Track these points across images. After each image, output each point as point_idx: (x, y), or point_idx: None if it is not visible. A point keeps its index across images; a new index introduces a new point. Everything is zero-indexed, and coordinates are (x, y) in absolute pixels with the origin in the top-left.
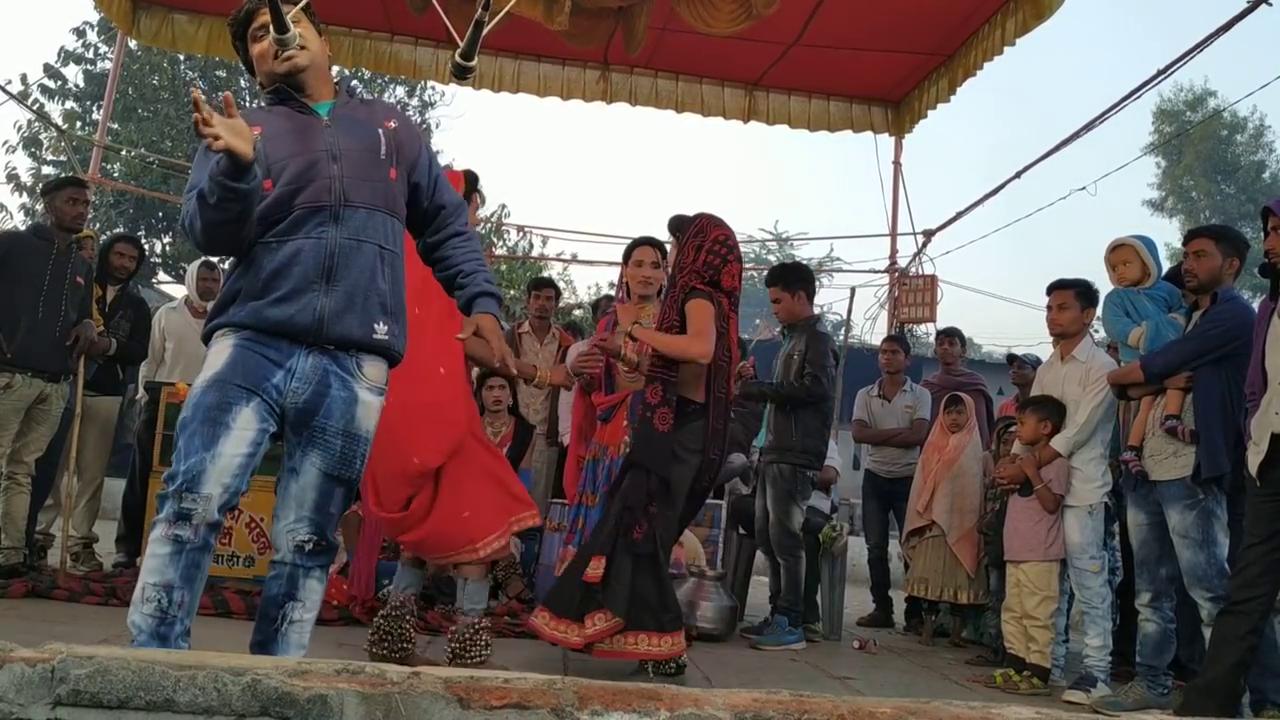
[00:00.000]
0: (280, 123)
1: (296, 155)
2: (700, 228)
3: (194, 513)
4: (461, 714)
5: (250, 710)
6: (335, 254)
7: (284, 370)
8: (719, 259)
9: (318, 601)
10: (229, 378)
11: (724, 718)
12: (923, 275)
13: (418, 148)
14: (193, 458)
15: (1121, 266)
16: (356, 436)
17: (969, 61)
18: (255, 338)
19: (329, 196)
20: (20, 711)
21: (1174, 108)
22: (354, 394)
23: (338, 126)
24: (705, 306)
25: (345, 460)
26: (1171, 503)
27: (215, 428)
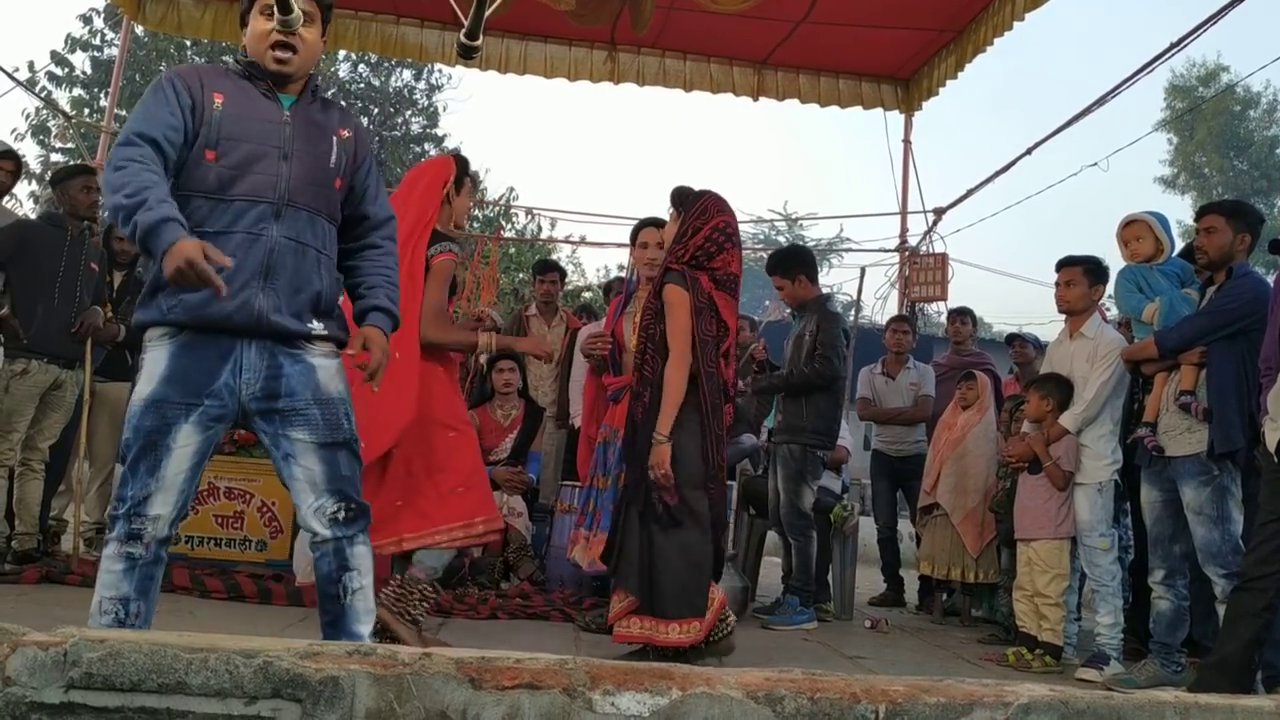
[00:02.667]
0: (243, 101)
1: (249, 141)
2: (704, 208)
3: (144, 532)
4: (473, 695)
5: (262, 692)
6: (274, 251)
7: (230, 364)
8: (715, 246)
9: (371, 565)
10: (167, 395)
11: (736, 696)
12: (933, 254)
13: (362, 158)
14: (138, 485)
15: (1135, 243)
16: (329, 400)
17: (979, 37)
18: (192, 339)
19: (272, 194)
20: (34, 694)
21: (1186, 83)
22: (308, 364)
23: (296, 126)
24: (678, 295)
25: (331, 425)
26: (1186, 479)
27: (157, 452)
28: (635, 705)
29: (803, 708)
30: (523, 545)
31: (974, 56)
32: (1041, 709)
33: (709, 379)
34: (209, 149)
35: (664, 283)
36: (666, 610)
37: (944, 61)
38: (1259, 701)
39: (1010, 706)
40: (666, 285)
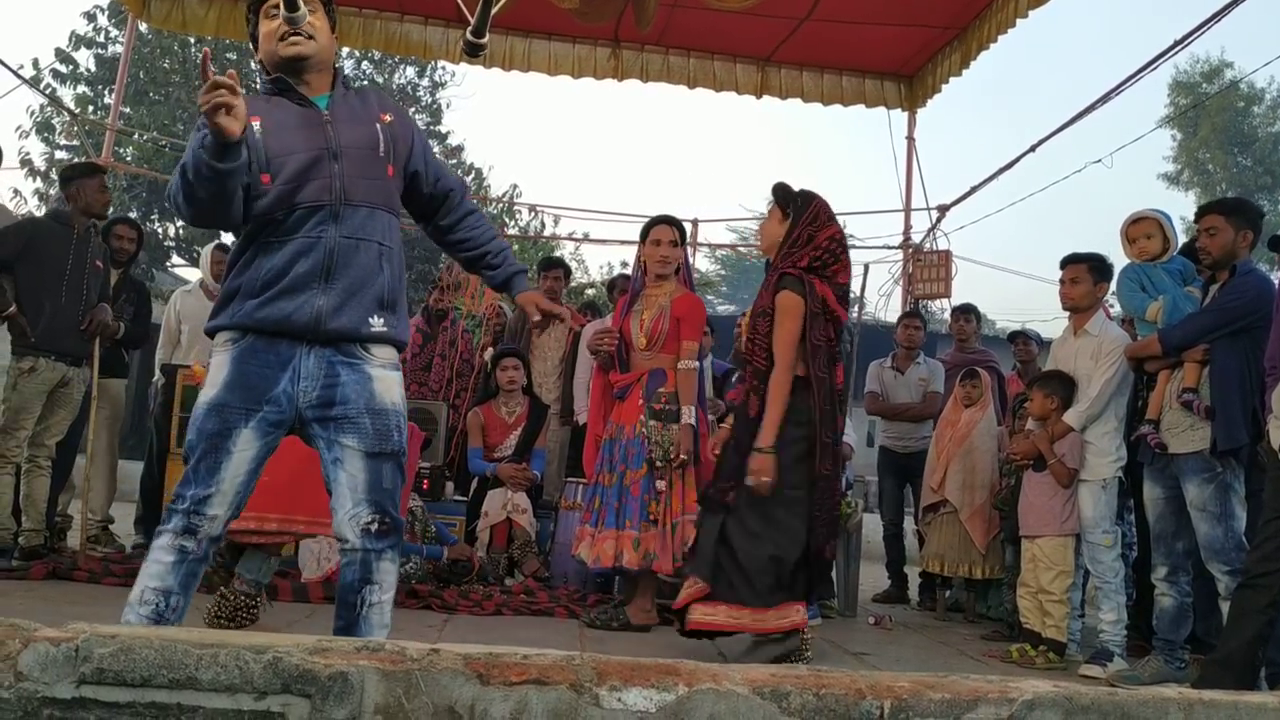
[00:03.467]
0: (280, 115)
1: (297, 152)
2: (816, 215)
3: (200, 529)
4: (481, 690)
5: (272, 688)
6: (334, 252)
7: (288, 373)
8: (832, 256)
9: (393, 582)
10: (229, 401)
11: (742, 692)
12: (937, 251)
13: (410, 136)
14: (199, 485)
15: (1144, 240)
16: (383, 411)
17: (982, 34)
18: (254, 344)
19: (329, 195)
20: (46, 690)
21: (1190, 79)
22: (365, 373)
23: (338, 123)
24: (792, 302)
25: (381, 435)
26: (1189, 476)
27: (218, 454)
28: (642, 701)
29: (808, 703)
30: (527, 542)
31: (978, 54)
32: (1046, 705)
33: (819, 384)
34: (264, 173)
35: (780, 288)
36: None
37: (948, 59)
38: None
39: (1015, 703)
40: (782, 291)
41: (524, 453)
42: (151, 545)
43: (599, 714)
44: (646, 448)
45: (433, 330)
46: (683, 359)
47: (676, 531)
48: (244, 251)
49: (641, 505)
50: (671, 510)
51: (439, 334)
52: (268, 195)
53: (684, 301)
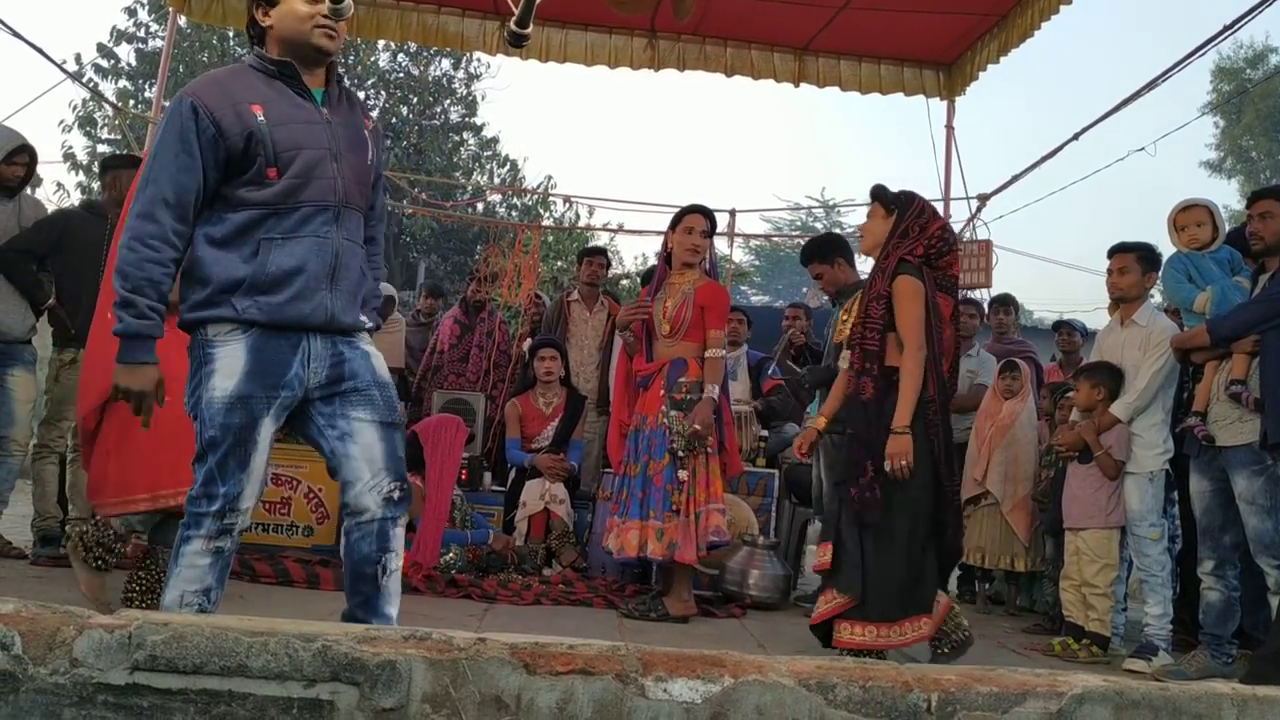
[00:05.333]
0: (283, 105)
1: (305, 148)
2: (922, 209)
3: (234, 527)
4: (527, 680)
5: (321, 675)
6: (338, 254)
7: (299, 355)
8: (946, 246)
9: (402, 548)
10: (251, 391)
11: (788, 684)
12: (977, 240)
13: (380, 145)
14: (230, 481)
15: (1194, 228)
16: (386, 384)
17: (1024, 22)
18: (266, 333)
19: (333, 197)
20: (100, 675)
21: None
22: (364, 350)
23: (336, 124)
24: (914, 287)
25: (390, 406)
26: (1238, 468)
27: (247, 447)
28: (687, 692)
29: (854, 696)
30: (565, 532)
31: (1019, 41)
32: (1096, 700)
33: (937, 379)
34: (270, 167)
35: (896, 274)
36: (891, 613)
37: (987, 46)
38: None
39: (1064, 697)
40: (900, 277)
41: (561, 443)
42: (181, 550)
43: (645, 705)
44: (668, 438)
45: (470, 321)
46: (710, 348)
47: (700, 521)
48: (244, 242)
49: (664, 495)
50: (695, 499)
51: (476, 325)
52: (272, 188)
53: (708, 290)
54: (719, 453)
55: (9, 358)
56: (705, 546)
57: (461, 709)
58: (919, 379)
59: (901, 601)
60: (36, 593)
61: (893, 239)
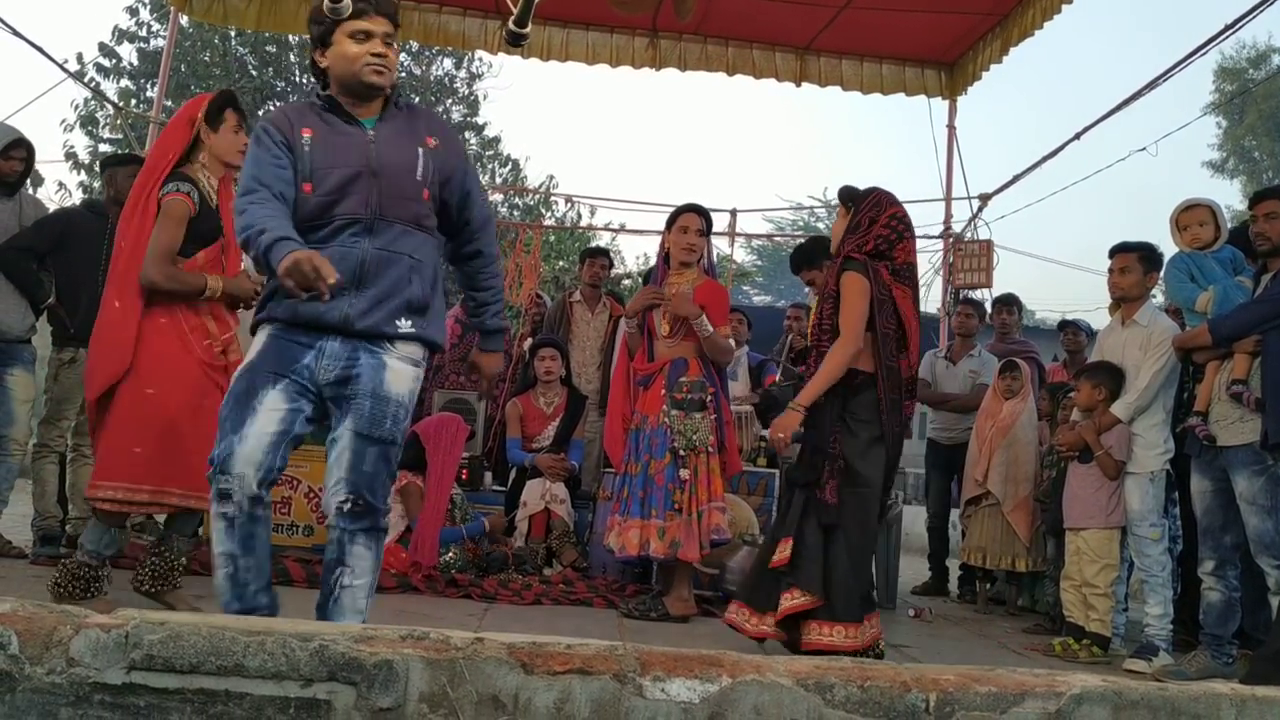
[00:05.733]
0: (328, 132)
1: (339, 167)
2: (877, 201)
3: (232, 491)
4: (525, 679)
5: (318, 675)
6: (366, 262)
7: (314, 350)
8: (895, 234)
9: (367, 568)
10: (259, 365)
11: (786, 684)
12: (978, 240)
13: (455, 166)
14: (222, 442)
15: (1196, 228)
16: (385, 398)
17: (1025, 21)
18: (286, 329)
19: (365, 210)
20: (97, 675)
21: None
22: (382, 361)
23: (381, 143)
24: (858, 283)
25: (374, 420)
26: (1239, 468)
27: (243, 411)
28: (685, 692)
29: (852, 696)
30: (565, 532)
31: (1020, 40)
32: (1095, 700)
33: (888, 374)
34: (306, 182)
35: (842, 270)
36: (855, 613)
37: (989, 46)
38: None
39: (1063, 697)
40: (846, 273)
41: (562, 443)
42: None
43: (643, 704)
44: (670, 437)
45: None
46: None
47: (703, 519)
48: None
49: (666, 494)
50: (697, 498)
51: None
52: (308, 204)
53: (707, 289)
54: (719, 452)
55: (9, 357)
56: (708, 544)
57: (459, 709)
58: (838, 369)
59: (862, 601)
60: (36, 592)
61: (846, 234)
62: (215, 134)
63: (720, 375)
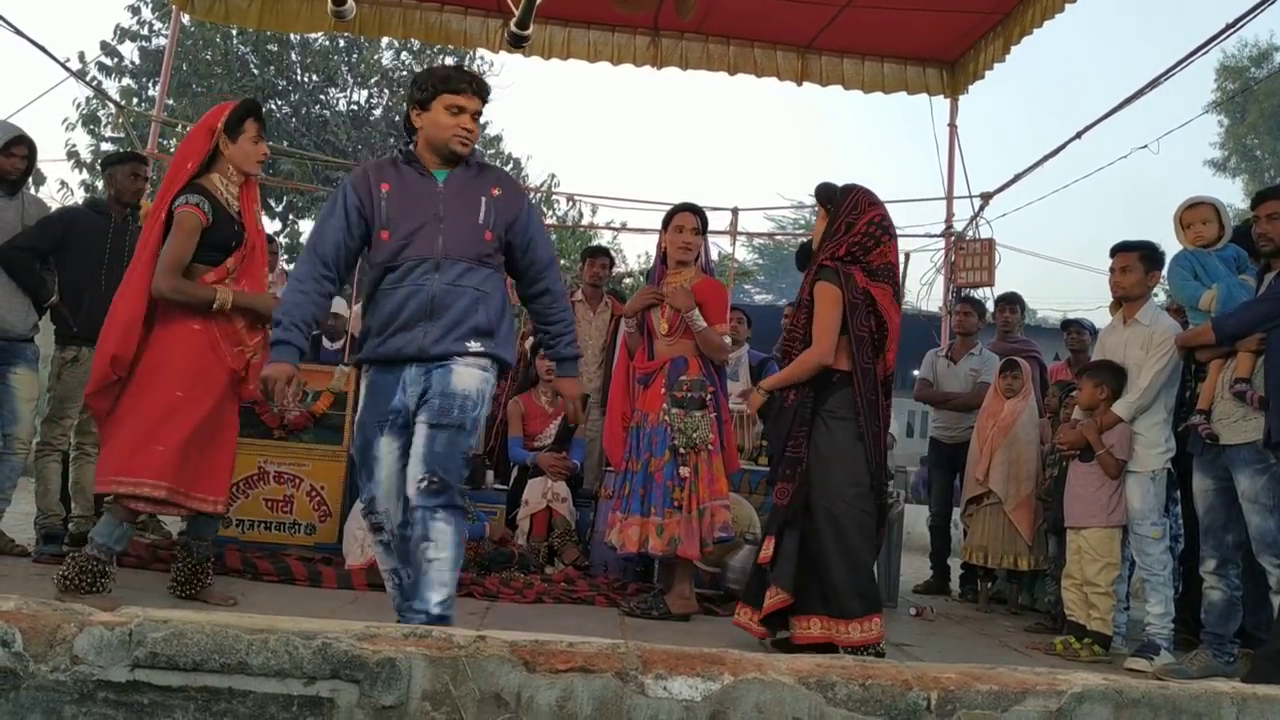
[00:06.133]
0: (404, 184)
1: (410, 216)
2: (855, 203)
3: (382, 524)
4: (527, 677)
5: (321, 673)
6: (435, 297)
7: (399, 385)
8: (873, 240)
9: (449, 542)
10: (366, 420)
11: (788, 682)
12: (980, 239)
13: (516, 211)
14: (366, 489)
15: (1200, 226)
16: (452, 393)
17: (1026, 20)
18: (376, 371)
19: (432, 251)
20: (100, 673)
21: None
22: (449, 369)
23: (449, 194)
24: (830, 294)
25: (443, 410)
26: (1241, 467)
27: (369, 462)
28: (687, 690)
29: (854, 694)
30: (567, 530)
31: (1021, 39)
32: (1095, 698)
33: (864, 375)
34: (383, 230)
35: (816, 279)
36: (845, 609)
37: (990, 44)
38: None
39: (1064, 695)
40: (819, 283)
41: (564, 442)
42: None
43: (645, 703)
44: (670, 435)
45: None
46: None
47: (704, 517)
48: (370, 297)
49: (665, 492)
50: (699, 495)
51: None
52: (385, 249)
53: (704, 286)
54: (720, 450)
55: (12, 355)
56: (712, 541)
57: (461, 707)
58: (804, 373)
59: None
60: (39, 590)
61: (824, 238)
62: (234, 144)
63: (720, 374)
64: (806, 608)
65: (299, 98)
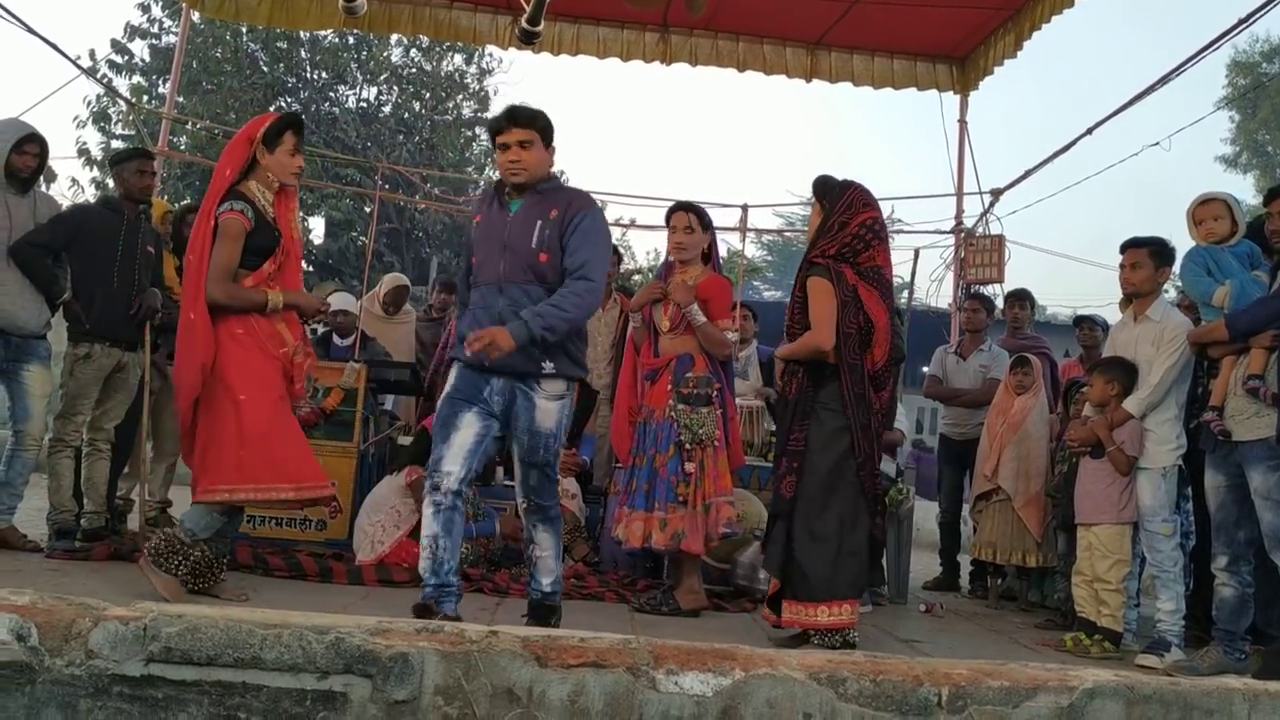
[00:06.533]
0: (488, 214)
1: (484, 244)
2: (850, 203)
3: (440, 483)
4: (539, 672)
5: (334, 667)
6: (501, 316)
7: (487, 386)
8: (863, 243)
9: (549, 542)
10: (456, 395)
11: (799, 678)
12: (990, 235)
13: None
14: (437, 450)
15: (1211, 222)
16: (537, 433)
17: (1036, 15)
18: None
19: (496, 276)
20: (116, 667)
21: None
22: (533, 402)
23: (514, 223)
24: (822, 287)
25: (531, 450)
26: (1254, 464)
27: (448, 429)
28: (698, 685)
29: (865, 689)
30: (577, 527)
31: (1031, 34)
32: (1107, 694)
33: (850, 370)
34: (473, 255)
35: (807, 276)
36: (812, 593)
37: (1001, 40)
38: None
39: (1075, 691)
40: (810, 279)
41: (574, 438)
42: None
43: (656, 697)
44: (675, 431)
45: None
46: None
47: (710, 512)
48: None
49: (669, 487)
50: (704, 491)
51: None
52: (473, 270)
53: (709, 283)
54: (725, 447)
55: (24, 352)
56: (717, 537)
57: (473, 701)
58: (804, 350)
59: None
60: (52, 586)
61: (818, 235)
62: (271, 155)
63: (727, 371)
64: (788, 593)
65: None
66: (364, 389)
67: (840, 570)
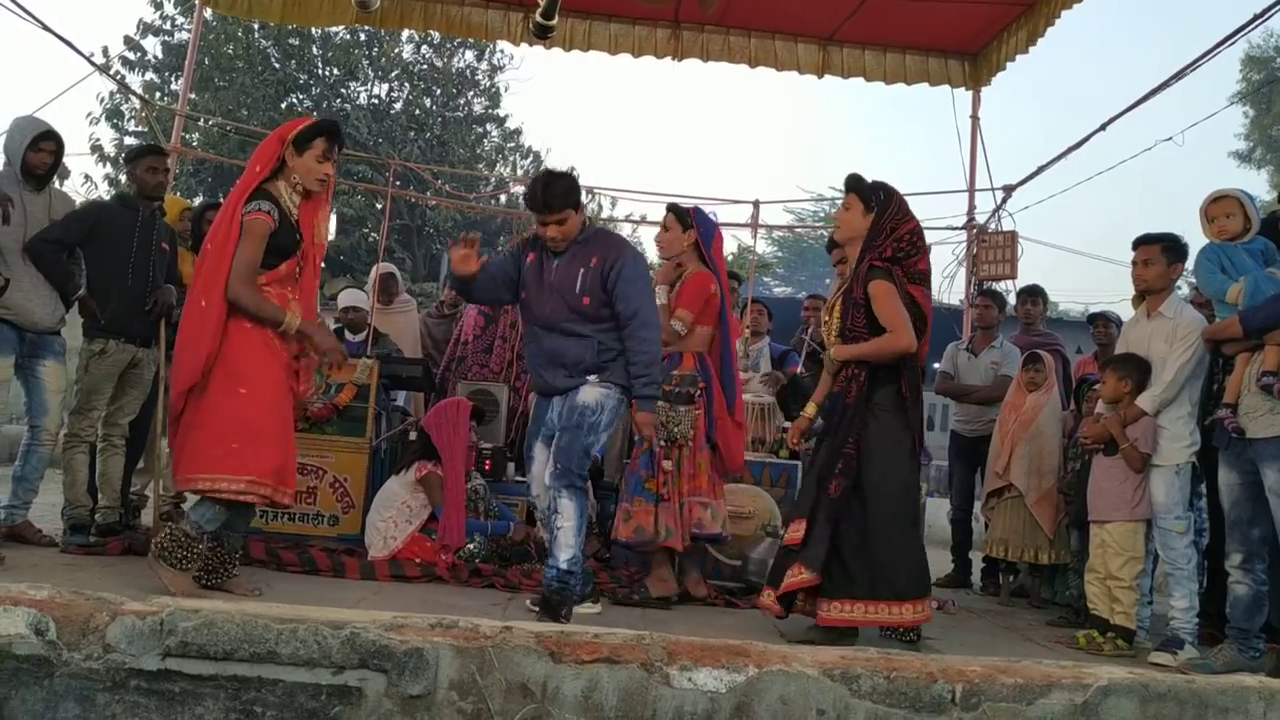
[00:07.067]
0: (539, 258)
1: (533, 285)
2: (899, 208)
3: (535, 505)
4: (553, 668)
5: (349, 662)
6: (552, 351)
7: (551, 410)
8: (915, 249)
9: (572, 513)
10: (531, 429)
11: (813, 674)
12: (1002, 232)
13: (610, 272)
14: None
15: (1224, 219)
16: (575, 404)
17: (1050, 10)
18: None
19: (541, 317)
20: (133, 661)
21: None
22: (578, 389)
23: (559, 270)
24: (888, 289)
25: (567, 415)
26: (1269, 461)
27: (529, 462)
28: (712, 681)
29: (879, 686)
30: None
31: (1045, 29)
32: (1121, 692)
33: (913, 371)
34: (523, 290)
35: (869, 278)
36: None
37: (1014, 35)
38: None
39: (1090, 689)
40: (873, 281)
41: None
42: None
43: (670, 693)
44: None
45: (494, 313)
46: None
47: (684, 511)
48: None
49: (638, 480)
50: (679, 490)
51: (500, 316)
52: (523, 307)
53: (691, 278)
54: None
55: (40, 348)
56: (688, 537)
57: (488, 696)
58: (880, 349)
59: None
60: (67, 580)
61: (869, 238)
62: (299, 158)
63: (722, 371)
64: (836, 592)
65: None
66: (376, 385)
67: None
